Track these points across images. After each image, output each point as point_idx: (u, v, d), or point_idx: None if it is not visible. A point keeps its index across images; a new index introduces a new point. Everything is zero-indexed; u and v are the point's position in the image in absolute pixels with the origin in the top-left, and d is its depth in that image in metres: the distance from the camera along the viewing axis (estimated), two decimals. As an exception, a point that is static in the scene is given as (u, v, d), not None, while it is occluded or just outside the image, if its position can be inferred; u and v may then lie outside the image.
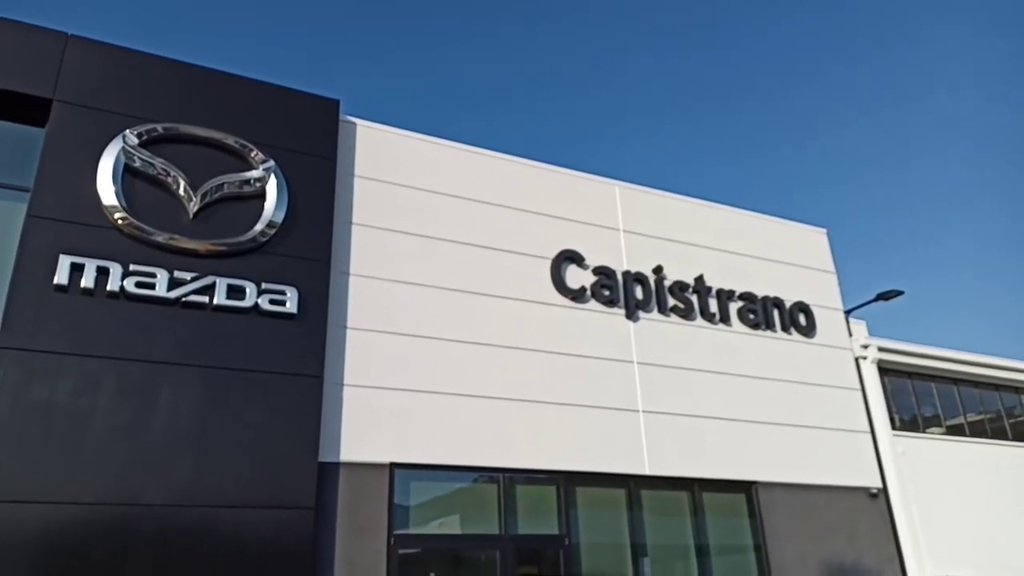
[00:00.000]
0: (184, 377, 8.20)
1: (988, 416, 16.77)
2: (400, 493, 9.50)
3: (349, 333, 9.73)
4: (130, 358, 8.02)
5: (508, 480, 10.29)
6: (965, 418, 16.33)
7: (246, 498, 8.01)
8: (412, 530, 9.50)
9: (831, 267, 15.00)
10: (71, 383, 7.68)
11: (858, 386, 14.08)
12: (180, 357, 8.26)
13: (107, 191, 8.51)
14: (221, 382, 8.38)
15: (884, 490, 13.35)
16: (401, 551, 9.07)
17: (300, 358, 8.92)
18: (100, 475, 7.47)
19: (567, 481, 10.62)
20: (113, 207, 8.48)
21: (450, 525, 10.03)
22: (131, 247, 8.46)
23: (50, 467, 7.33)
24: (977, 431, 16.24)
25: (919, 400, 15.76)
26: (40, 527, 7.09)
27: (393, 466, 9.42)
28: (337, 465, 9.02)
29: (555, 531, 10.29)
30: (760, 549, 11.83)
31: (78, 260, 8.10)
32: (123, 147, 8.78)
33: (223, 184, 9.23)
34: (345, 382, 9.45)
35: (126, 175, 8.77)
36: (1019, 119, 46.81)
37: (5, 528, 6.99)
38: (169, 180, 8.94)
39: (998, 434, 16.52)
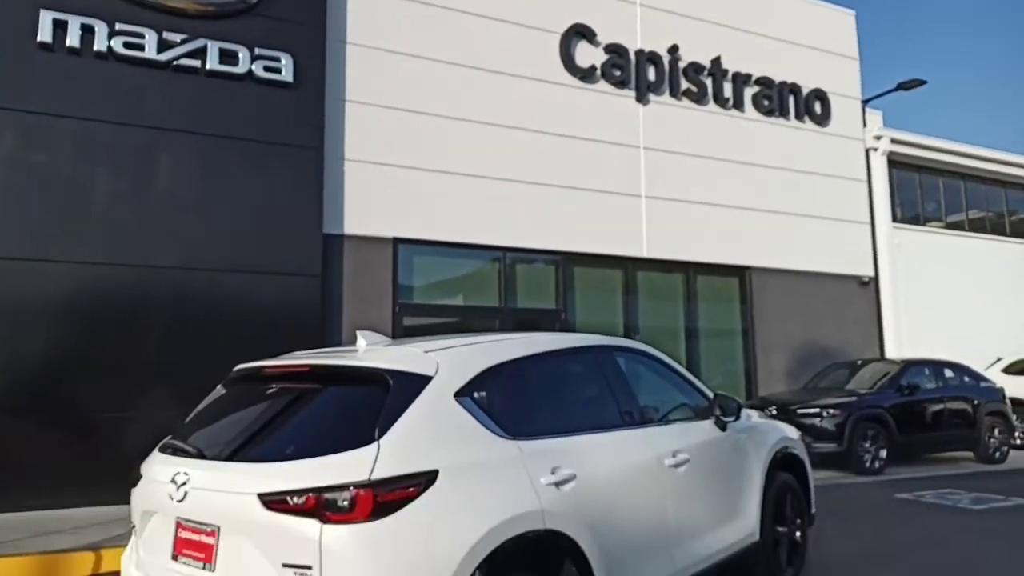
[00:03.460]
0: (181, 143, 8.09)
1: (990, 214, 16.81)
2: (404, 272, 9.76)
3: (348, 106, 9.45)
4: (124, 122, 7.84)
5: (509, 260, 10.54)
6: (967, 215, 16.38)
7: (254, 264, 8.23)
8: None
9: (855, 53, 14.25)
10: (68, 146, 7.60)
11: (865, 178, 13.97)
12: (176, 123, 8.08)
13: (82, -61, 7.84)
14: (219, 150, 8.27)
15: (876, 279, 13.72)
16: (406, 319, 9.50)
17: (298, 128, 8.74)
18: (108, 237, 7.61)
19: (566, 261, 10.87)
20: (90, -43, 7.86)
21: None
22: (115, 4, 7.95)
23: (58, 227, 7.44)
24: (977, 228, 16.36)
25: (924, 195, 15.71)
26: (58, 284, 7.34)
27: (396, 241, 9.59)
28: (341, 237, 9.18)
29: (552, 305, 10.72)
30: (747, 333, 12.38)
31: (60, 16, 7.67)
32: None
33: (207, -65, 8.49)
34: (346, 156, 9.35)
35: (102, -79, 8.04)
36: None
37: (25, 282, 7.24)
38: (148, -72, 8.20)
39: (997, 231, 16.66)
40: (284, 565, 2.45)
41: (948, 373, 11.08)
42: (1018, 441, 11.96)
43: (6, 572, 5.14)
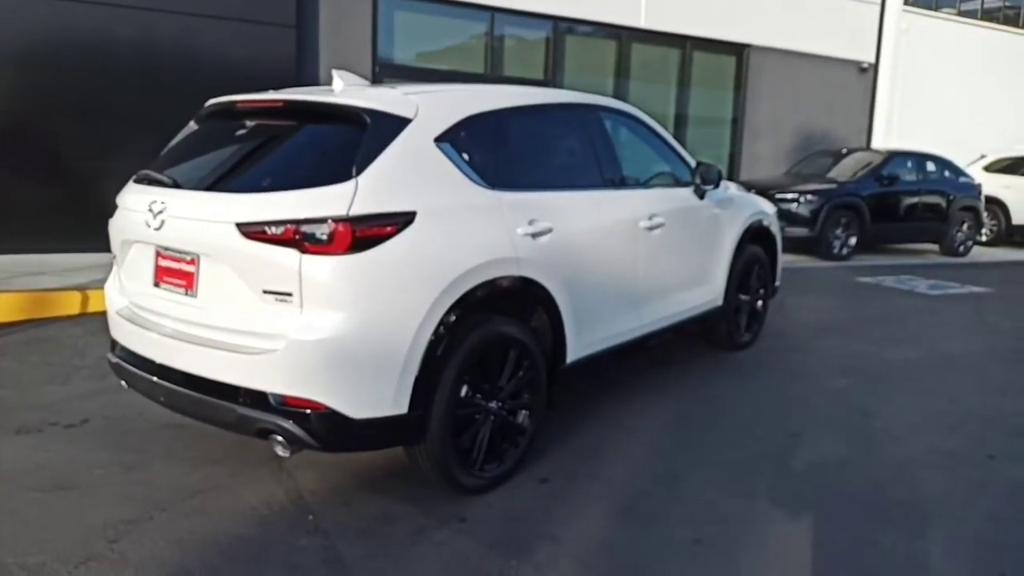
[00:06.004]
0: None
1: (1006, 4, 15.91)
2: (384, 30, 9.18)
3: None
4: None
5: (498, 23, 9.93)
6: (982, 2, 15.50)
7: (225, 9, 7.67)
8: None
9: None
10: None
11: (885, -47, 13.02)
12: None
13: None
14: None
15: (875, 66, 13.25)
16: (386, 82, 9.11)
17: None
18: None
19: (557, 28, 10.29)
20: None
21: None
22: None
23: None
24: (991, 19, 15.56)
25: (941, -23, 14.74)
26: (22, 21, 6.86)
27: (376, -8, 8.95)
28: (317, -15, 8.53)
29: (540, 77, 10.32)
30: (737, 121, 12.13)
31: None
32: None
33: None
34: None
35: None
36: None
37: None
38: None
39: (1009, 22, 15.88)
40: (265, 292, 2.51)
41: (930, 166, 11.08)
42: (983, 237, 12.30)
43: (-5, 306, 5.29)
